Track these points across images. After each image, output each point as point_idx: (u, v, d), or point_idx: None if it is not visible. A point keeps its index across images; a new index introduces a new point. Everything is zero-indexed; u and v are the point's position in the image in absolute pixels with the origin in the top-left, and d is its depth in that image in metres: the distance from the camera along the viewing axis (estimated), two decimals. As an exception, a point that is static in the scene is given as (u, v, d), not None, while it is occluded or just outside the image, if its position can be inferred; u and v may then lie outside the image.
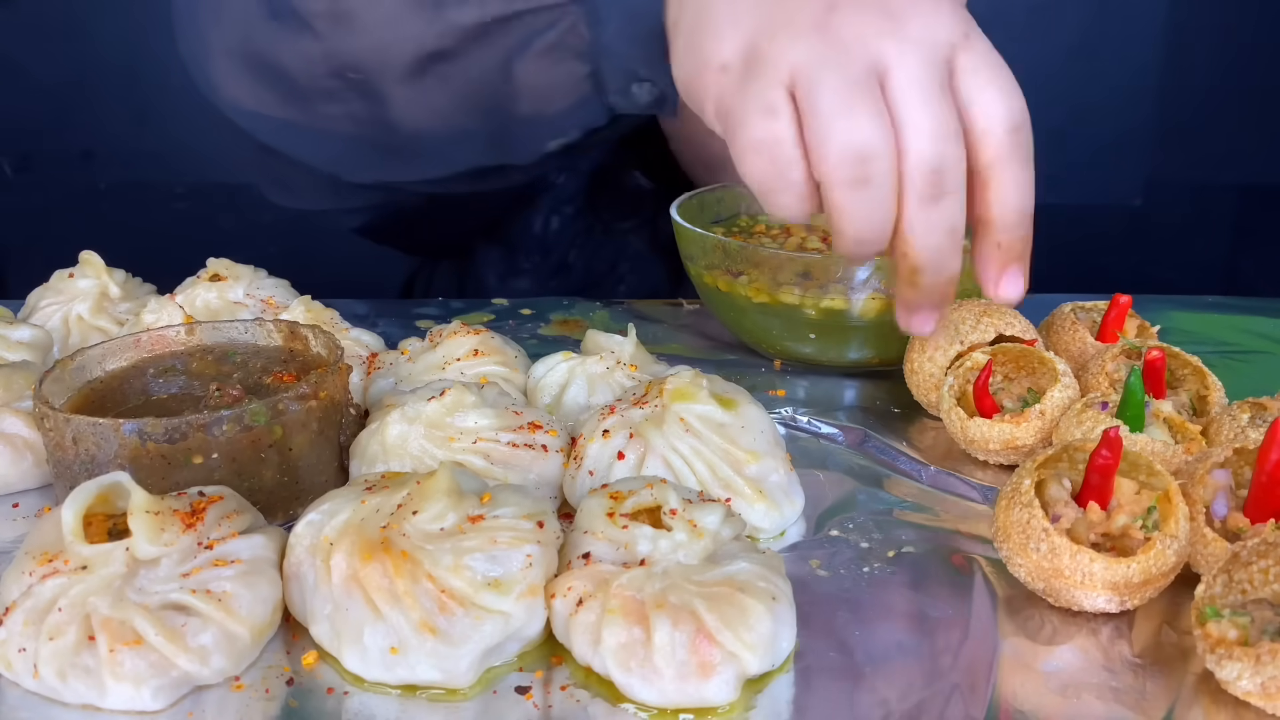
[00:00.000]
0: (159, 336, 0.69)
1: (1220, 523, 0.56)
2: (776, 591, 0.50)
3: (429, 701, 0.49)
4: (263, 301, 0.83)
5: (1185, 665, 0.52)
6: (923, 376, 0.74)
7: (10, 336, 0.75)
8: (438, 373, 0.72)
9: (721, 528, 0.53)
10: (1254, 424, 0.63)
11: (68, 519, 0.50)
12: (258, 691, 0.50)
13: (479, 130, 0.81)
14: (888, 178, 0.55)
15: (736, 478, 0.61)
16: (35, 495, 0.66)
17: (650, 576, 0.50)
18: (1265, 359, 0.89)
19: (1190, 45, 1.94)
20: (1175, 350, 0.71)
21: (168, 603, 0.49)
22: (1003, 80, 0.56)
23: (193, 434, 0.58)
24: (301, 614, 0.52)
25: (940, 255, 0.56)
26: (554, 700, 0.50)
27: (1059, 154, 1.98)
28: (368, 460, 0.62)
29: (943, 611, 0.56)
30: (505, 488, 0.56)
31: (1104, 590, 0.53)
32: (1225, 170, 2.00)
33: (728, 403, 0.64)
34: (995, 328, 0.73)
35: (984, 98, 0.55)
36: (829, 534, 0.62)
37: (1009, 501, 0.55)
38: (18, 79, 1.70)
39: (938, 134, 0.54)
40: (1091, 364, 0.71)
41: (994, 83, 0.55)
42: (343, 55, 0.74)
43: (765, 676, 0.50)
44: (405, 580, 0.49)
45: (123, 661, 0.48)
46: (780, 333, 0.82)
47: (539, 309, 0.98)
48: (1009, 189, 0.55)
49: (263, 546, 0.53)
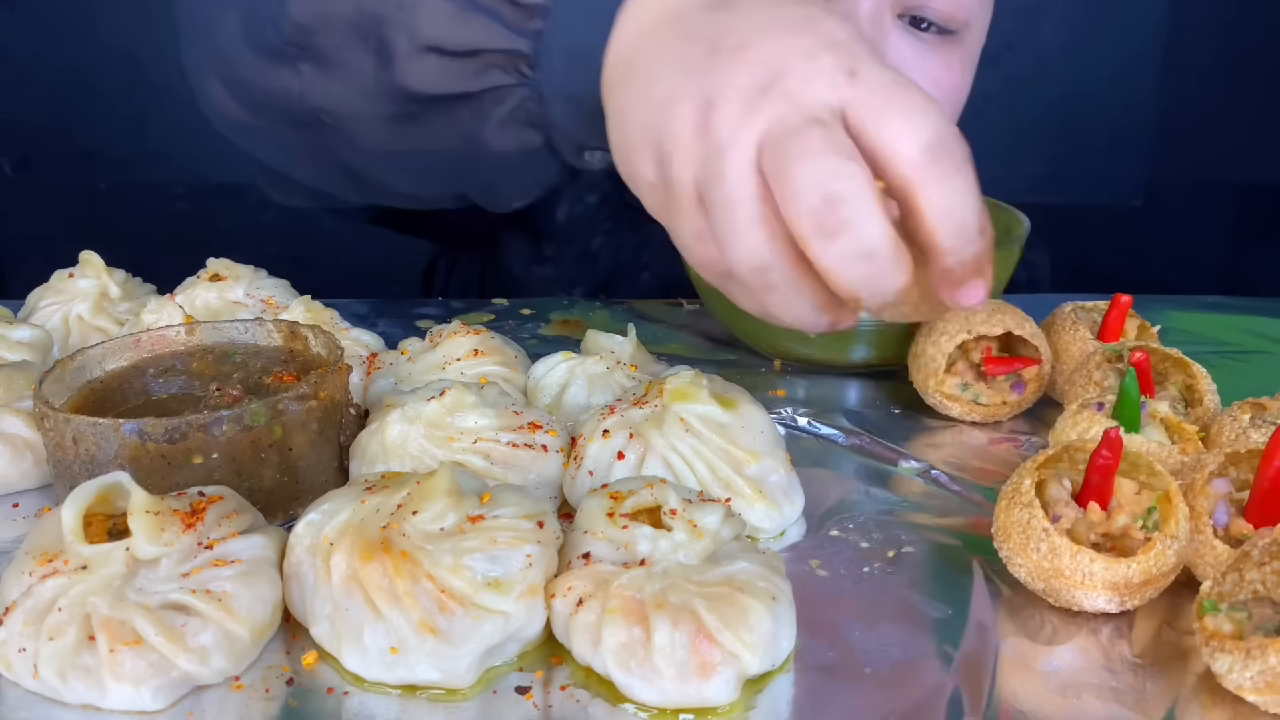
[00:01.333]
0: (159, 336, 0.69)
1: (1223, 530, 0.56)
2: (776, 591, 0.50)
3: (429, 701, 0.49)
4: (263, 301, 0.83)
5: (1185, 665, 0.52)
6: (924, 360, 0.74)
7: (10, 336, 0.75)
8: (438, 373, 0.72)
9: (721, 528, 0.53)
10: (1255, 425, 0.63)
11: (68, 519, 0.50)
12: (258, 691, 0.50)
13: (446, 191, 0.83)
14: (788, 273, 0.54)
15: (736, 478, 0.61)
16: (35, 495, 0.66)
17: (650, 576, 0.50)
18: (1265, 359, 0.89)
19: (1190, 45, 1.94)
20: (1154, 346, 0.71)
21: (168, 603, 0.49)
22: (902, 103, 0.52)
23: (193, 434, 0.58)
24: (301, 614, 0.52)
25: (869, 280, 0.52)
26: (554, 700, 0.50)
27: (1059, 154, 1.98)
28: (368, 460, 0.62)
29: (943, 611, 0.56)
30: (505, 488, 0.56)
31: (1104, 590, 0.53)
32: (1225, 170, 2.00)
33: (728, 403, 0.64)
34: (1005, 324, 0.73)
35: (882, 127, 0.52)
36: (829, 534, 0.62)
37: (1009, 501, 0.55)
38: (18, 79, 1.70)
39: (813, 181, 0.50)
40: (1077, 372, 0.72)
41: (890, 109, 0.52)
42: (318, 98, 0.75)
43: (765, 676, 0.50)
44: (405, 580, 0.49)
45: (123, 661, 0.48)
46: (780, 333, 0.82)
47: (539, 309, 0.98)
48: (935, 210, 0.51)
49: (263, 546, 0.53)
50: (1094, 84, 1.95)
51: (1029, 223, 0.84)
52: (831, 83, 0.52)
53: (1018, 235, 0.82)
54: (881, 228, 0.51)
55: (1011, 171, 1.86)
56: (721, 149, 0.53)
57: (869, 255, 0.51)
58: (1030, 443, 0.74)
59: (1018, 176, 1.87)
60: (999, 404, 0.75)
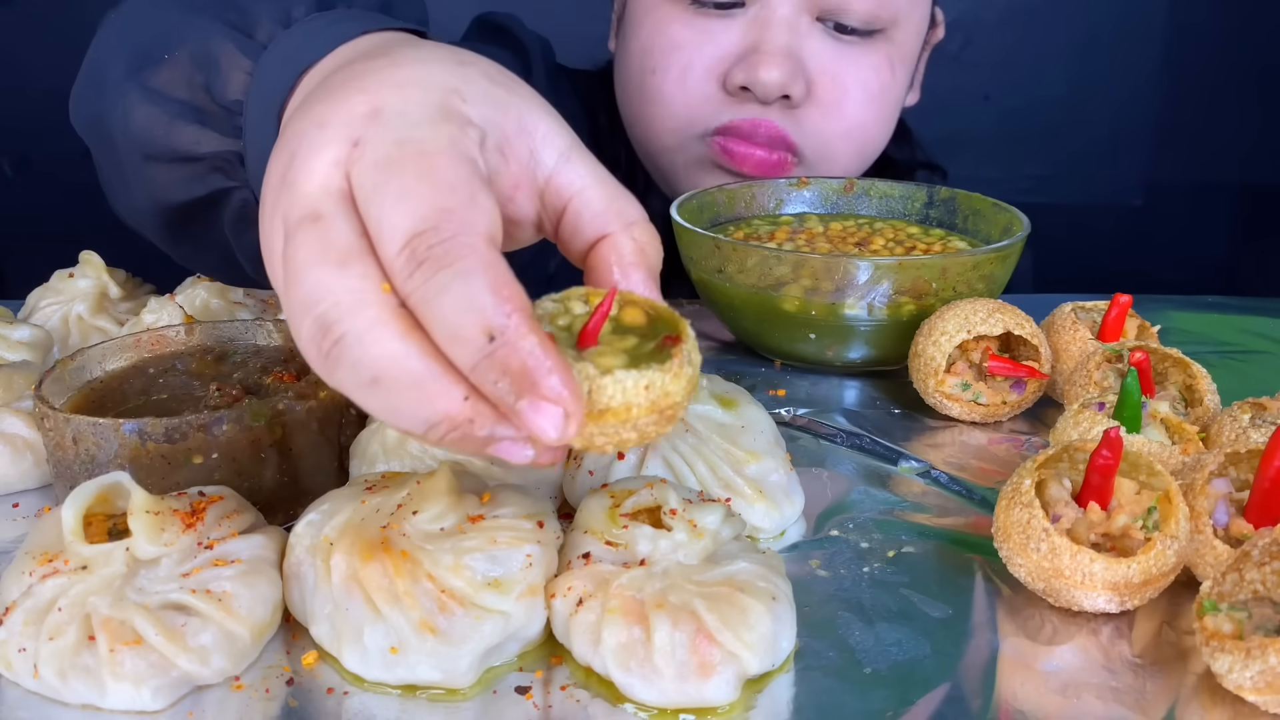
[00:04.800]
0: (159, 336, 0.69)
1: (1223, 530, 0.56)
2: (776, 591, 0.50)
3: (429, 701, 0.49)
4: (263, 301, 0.83)
5: (1185, 665, 0.52)
6: (924, 360, 0.74)
7: (10, 336, 0.75)
8: (438, 373, 0.72)
9: (721, 528, 0.53)
10: (1255, 424, 0.63)
11: (68, 519, 0.50)
12: (258, 691, 0.50)
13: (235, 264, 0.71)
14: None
15: (736, 478, 0.61)
16: (35, 495, 0.66)
17: (650, 576, 0.50)
18: (1265, 359, 0.89)
19: (1190, 45, 1.94)
20: (1154, 346, 0.71)
21: (168, 603, 0.49)
22: (407, 178, 0.41)
23: (193, 434, 0.58)
24: (301, 614, 0.52)
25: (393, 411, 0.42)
26: (554, 700, 0.49)
27: (1059, 154, 1.99)
28: (368, 460, 0.62)
29: (943, 611, 0.56)
30: (505, 488, 0.56)
31: (1104, 590, 0.53)
32: (1225, 170, 2.00)
33: (728, 403, 0.64)
34: (1005, 324, 0.73)
35: (375, 210, 0.41)
36: (829, 534, 0.62)
37: (1009, 501, 0.55)
38: (18, 79, 1.70)
39: (300, 301, 0.42)
40: (1077, 372, 0.72)
41: (386, 186, 0.41)
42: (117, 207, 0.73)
43: (765, 676, 0.50)
44: (405, 580, 0.49)
45: (123, 661, 0.48)
46: (780, 333, 0.82)
47: (539, 309, 0.98)
48: (435, 322, 0.40)
49: (263, 546, 0.53)
50: (1094, 84, 1.95)
51: (1029, 223, 0.84)
52: (331, 159, 0.43)
53: (1018, 235, 0.82)
54: (384, 346, 0.40)
55: (1011, 171, 1.87)
56: (265, 244, 0.45)
57: (375, 382, 0.41)
58: (1030, 443, 0.74)
59: (1018, 176, 1.87)
60: (999, 404, 0.75)
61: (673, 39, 0.95)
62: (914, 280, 0.77)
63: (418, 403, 0.41)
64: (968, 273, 0.79)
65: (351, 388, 0.42)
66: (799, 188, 0.98)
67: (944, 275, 0.78)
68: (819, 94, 0.95)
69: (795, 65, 0.93)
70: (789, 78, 0.92)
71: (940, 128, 1.31)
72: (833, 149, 0.99)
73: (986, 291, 0.81)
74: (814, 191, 0.98)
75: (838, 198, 0.98)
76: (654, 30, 0.96)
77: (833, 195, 0.98)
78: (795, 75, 0.92)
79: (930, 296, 0.78)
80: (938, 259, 0.77)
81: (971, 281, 0.79)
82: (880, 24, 0.95)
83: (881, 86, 0.97)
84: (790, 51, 0.93)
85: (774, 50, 0.92)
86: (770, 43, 0.92)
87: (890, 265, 0.77)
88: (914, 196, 0.96)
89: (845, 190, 0.98)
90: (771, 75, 0.91)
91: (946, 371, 0.75)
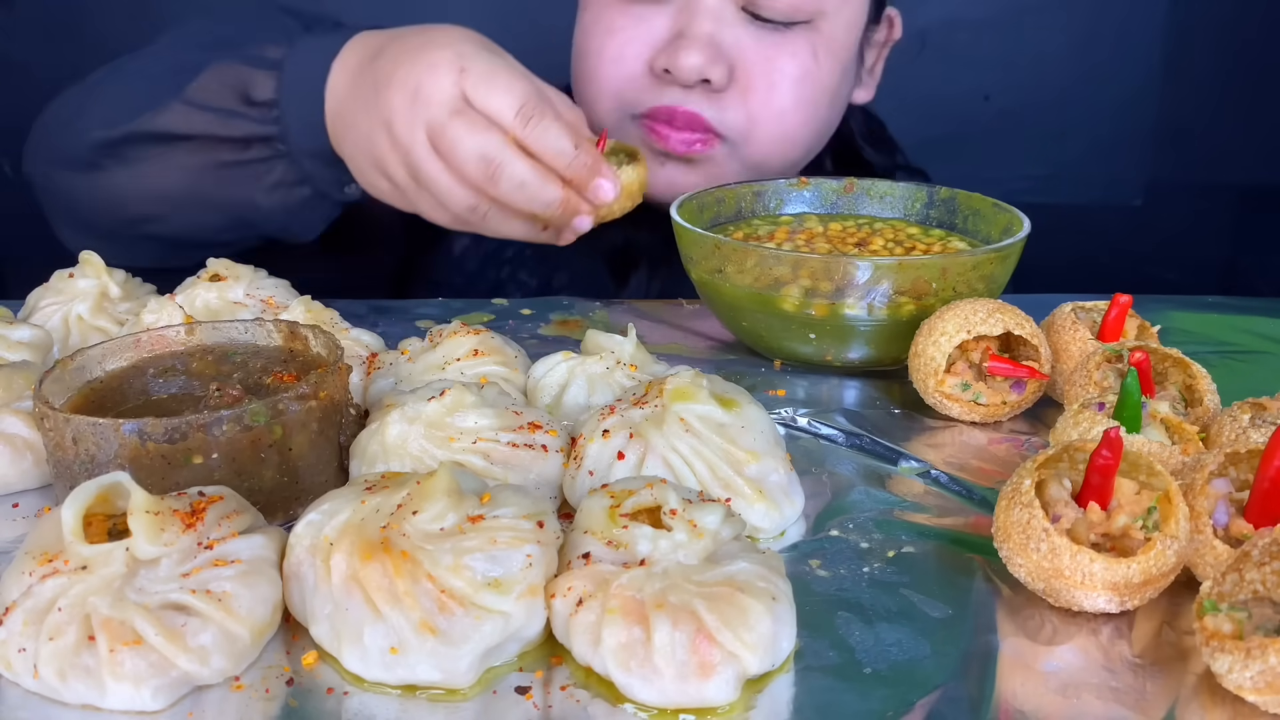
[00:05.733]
0: (159, 336, 0.69)
1: (1223, 530, 0.56)
2: (776, 591, 0.50)
3: (429, 701, 0.49)
4: (263, 301, 0.83)
5: (1185, 665, 0.52)
6: (924, 360, 0.74)
7: (10, 336, 0.75)
8: (438, 373, 0.72)
9: (721, 528, 0.53)
10: (1255, 424, 0.63)
11: (68, 519, 0.50)
12: (258, 691, 0.50)
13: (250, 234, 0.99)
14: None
15: (736, 478, 0.61)
16: (35, 495, 0.66)
17: (650, 576, 0.50)
18: (1265, 359, 0.89)
19: (1190, 46, 1.94)
20: (1154, 346, 0.71)
21: (168, 603, 0.49)
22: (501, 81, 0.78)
23: (193, 434, 0.58)
24: (301, 614, 0.52)
25: (531, 199, 0.79)
26: (554, 700, 0.49)
27: (1059, 154, 1.99)
28: (368, 460, 0.62)
29: (942, 611, 0.56)
30: (505, 488, 0.56)
31: (1104, 590, 0.53)
32: (1225, 170, 2.00)
33: (728, 403, 0.64)
34: (1005, 324, 0.73)
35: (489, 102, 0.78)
36: (829, 534, 0.62)
37: (1009, 501, 0.55)
38: (18, 79, 1.70)
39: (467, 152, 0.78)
40: (1077, 372, 0.72)
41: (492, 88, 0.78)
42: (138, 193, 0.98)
43: (765, 676, 0.50)
44: (405, 580, 0.49)
45: (123, 661, 0.48)
46: (780, 333, 0.82)
47: (539, 309, 0.98)
48: (537, 148, 0.78)
49: (263, 546, 0.53)
50: (1094, 84, 1.95)
51: (1029, 223, 0.84)
52: (451, 81, 0.79)
53: (1018, 235, 0.82)
54: (522, 165, 0.78)
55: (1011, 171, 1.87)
56: (408, 150, 0.80)
57: (522, 185, 0.79)
58: (1030, 443, 0.74)
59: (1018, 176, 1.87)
60: (999, 404, 0.75)
61: (608, 25, 1.01)
62: (914, 280, 0.77)
63: (543, 191, 0.80)
64: (967, 273, 0.79)
65: (505, 191, 0.79)
66: (799, 188, 0.98)
67: (944, 275, 0.78)
68: (740, 79, 0.98)
69: (716, 51, 0.96)
70: (708, 63, 0.96)
71: (940, 128, 1.32)
72: (755, 133, 1.01)
73: (986, 291, 0.81)
74: (814, 191, 0.98)
75: (837, 198, 0.98)
76: (594, 17, 1.03)
77: (832, 195, 0.98)
78: (715, 61, 0.96)
79: (930, 296, 0.78)
80: (937, 259, 0.77)
81: (971, 281, 0.79)
82: (803, 15, 0.98)
83: (803, 72, 1.00)
84: (712, 39, 0.97)
85: (696, 36, 0.96)
86: (693, 29, 0.96)
87: (890, 265, 0.77)
88: (914, 196, 0.96)
89: (845, 190, 0.98)
90: (691, 60, 0.95)
91: (946, 371, 0.75)
